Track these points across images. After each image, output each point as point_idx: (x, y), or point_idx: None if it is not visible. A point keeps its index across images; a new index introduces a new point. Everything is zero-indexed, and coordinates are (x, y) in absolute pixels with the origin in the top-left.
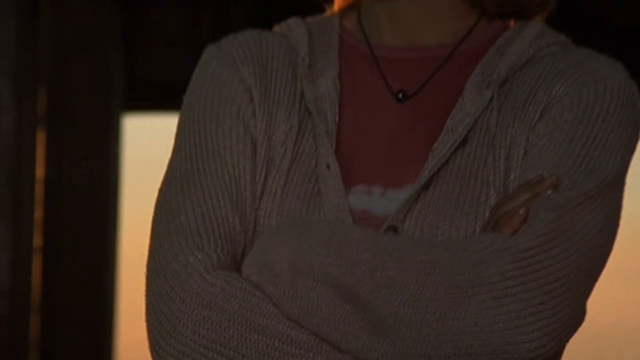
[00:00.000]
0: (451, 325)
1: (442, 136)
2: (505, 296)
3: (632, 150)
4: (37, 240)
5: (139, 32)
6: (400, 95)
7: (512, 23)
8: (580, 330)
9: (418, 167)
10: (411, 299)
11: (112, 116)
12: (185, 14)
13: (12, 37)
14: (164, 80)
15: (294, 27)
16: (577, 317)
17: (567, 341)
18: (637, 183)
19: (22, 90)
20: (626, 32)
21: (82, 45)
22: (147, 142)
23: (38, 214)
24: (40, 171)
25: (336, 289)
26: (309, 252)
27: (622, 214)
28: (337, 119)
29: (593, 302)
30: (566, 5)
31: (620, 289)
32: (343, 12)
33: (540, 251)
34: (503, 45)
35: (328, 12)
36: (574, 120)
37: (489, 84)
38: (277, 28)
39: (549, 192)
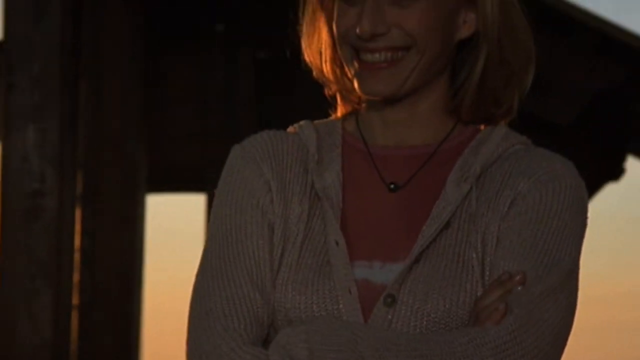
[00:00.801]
0: None
1: (429, 221)
2: None
3: (582, 238)
4: (75, 299)
5: (159, 129)
6: (392, 186)
7: (482, 127)
8: None
9: (409, 245)
10: None
11: (136, 196)
12: (194, 115)
13: (56, 133)
14: (178, 167)
15: (305, 128)
16: None
17: None
18: None
19: (64, 174)
20: (561, 128)
21: (113, 139)
22: (166, 216)
23: (76, 277)
24: (77, 241)
25: None
26: (322, 347)
27: None
28: (341, 205)
29: None
30: None
31: None
32: (344, 117)
33: (514, 343)
34: (476, 146)
35: (332, 117)
36: (536, 219)
37: (467, 178)
38: (290, 129)
39: (519, 288)
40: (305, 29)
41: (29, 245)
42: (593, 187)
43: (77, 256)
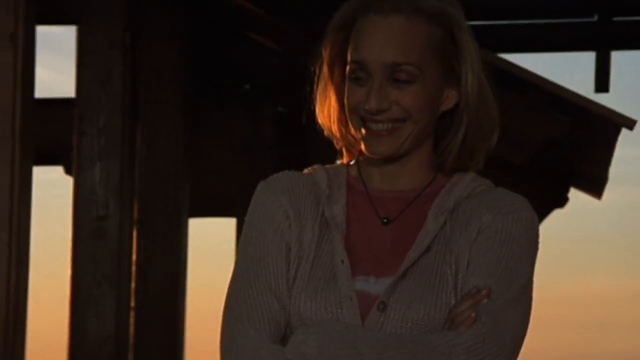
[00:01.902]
0: None
1: (414, 246)
2: None
3: (535, 259)
4: (132, 302)
5: (199, 166)
6: (384, 220)
7: (455, 174)
8: None
9: (398, 264)
10: None
11: (181, 220)
12: (226, 156)
13: (118, 170)
14: (214, 197)
15: (317, 170)
16: None
17: None
18: None
19: (123, 203)
20: (518, 166)
21: (163, 174)
22: (204, 236)
23: (133, 284)
24: (134, 256)
25: None
26: (330, 346)
27: None
28: (345, 231)
29: None
30: None
31: None
32: (348, 164)
33: (482, 344)
34: (450, 187)
35: (339, 163)
36: (499, 244)
37: (443, 213)
38: (305, 171)
39: (485, 300)
40: (318, 97)
41: (95, 259)
42: (544, 213)
43: (133, 268)
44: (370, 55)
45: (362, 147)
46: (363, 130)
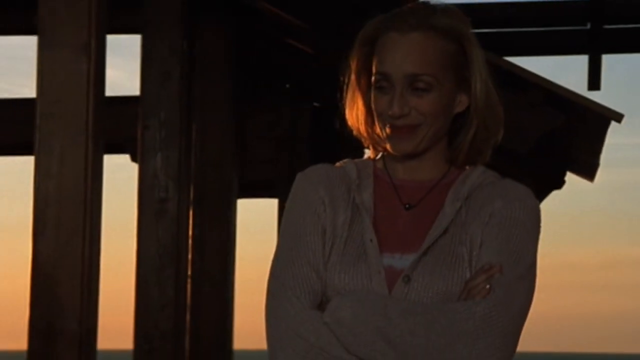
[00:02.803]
0: (446, 354)
1: (434, 227)
2: (477, 339)
3: (538, 240)
4: (189, 271)
5: (246, 155)
6: (407, 206)
7: (467, 167)
8: None
9: (420, 244)
10: (423, 339)
11: (230, 200)
12: (269, 146)
13: (176, 158)
14: (258, 181)
15: (348, 164)
16: (515, 348)
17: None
18: None
19: (181, 187)
20: (522, 155)
21: (215, 162)
22: (251, 214)
23: (190, 257)
24: (190, 232)
25: (378, 333)
26: (361, 311)
27: None
28: (373, 215)
29: None
30: None
31: None
32: (375, 158)
33: (495, 313)
34: (463, 179)
35: (366, 157)
36: (508, 227)
37: (459, 199)
38: (338, 164)
39: (497, 275)
40: (347, 103)
41: (157, 235)
42: (544, 193)
43: (190, 242)
44: (393, 67)
45: (387, 145)
46: (388, 130)
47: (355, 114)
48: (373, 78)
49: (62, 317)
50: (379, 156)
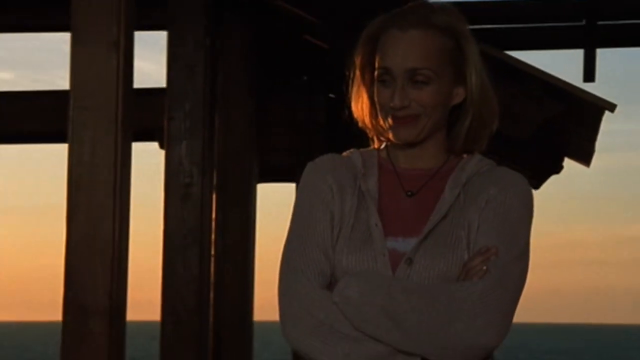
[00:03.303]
0: (446, 331)
1: (435, 212)
2: (475, 317)
3: (531, 224)
4: (212, 251)
5: (265, 143)
6: (409, 193)
7: (464, 155)
8: None
9: (421, 228)
10: (424, 317)
11: (251, 185)
12: (287, 134)
13: (200, 146)
14: (277, 166)
15: (354, 153)
16: (510, 323)
17: (503, 340)
18: None
19: (205, 172)
20: (522, 141)
21: (237, 150)
22: (270, 197)
23: (213, 237)
24: (214, 215)
25: (382, 311)
26: (367, 290)
27: None
28: (377, 201)
29: None
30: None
31: None
32: (379, 148)
33: (492, 292)
34: (461, 166)
35: (372, 147)
36: (502, 212)
37: (457, 186)
38: (345, 153)
39: (494, 257)
40: (353, 96)
41: (182, 217)
42: (543, 178)
43: (214, 224)
44: (394, 62)
45: (390, 135)
46: (390, 121)
47: (360, 106)
48: (376, 72)
49: (93, 293)
50: (383, 146)
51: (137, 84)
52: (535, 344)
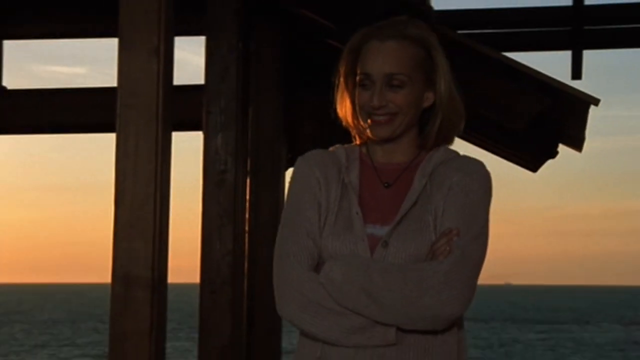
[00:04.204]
0: (416, 304)
1: (405, 201)
2: (442, 291)
3: (489, 205)
4: (246, 228)
5: (293, 133)
6: (386, 184)
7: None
8: None
9: (395, 215)
10: (397, 293)
11: (280, 171)
12: (314, 126)
13: (234, 137)
14: (305, 153)
15: (339, 149)
16: (472, 295)
17: (468, 308)
18: None
19: (237, 161)
20: (519, 132)
21: (267, 140)
22: None
23: (247, 216)
24: (247, 197)
25: (361, 289)
26: (348, 272)
27: None
28: (358, 192)
29: None
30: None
31: None
32: (361, 145)
33: (455, 269)
34: (429, 158)
35: (354, 143)
36: (464, 196)
37: (425, 176)
38: (331, 149)
39: (456, 238)
40: (338, 100)
41: (219, 200)
42: (541, 162)
43: (247, 205)
44: (374, 68)
45: (369, 133)
46: (369, 121)
47: (343, 109)
48: (358, 78)
49: (136, 266)
50: (363, 143)
51: (194, 78)
52: (543, 303)
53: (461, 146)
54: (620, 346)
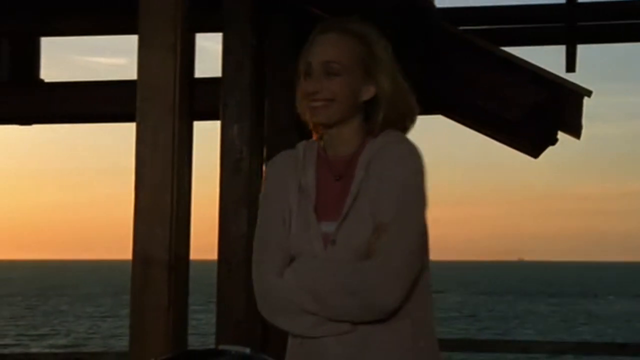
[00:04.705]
0: (352, 300)
1: (349, 195)
2: (375, 287)
3: (423, 186)
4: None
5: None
6: (337, 178)
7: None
8: None
9: (342, 210)
10: (337, 293)
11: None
12: None
13: (249, 127)
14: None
15: (299, 147)
16: (407, 286)
17: (403, 297)
18: None
19: (253, 149)
20: (514, 122)
21: (282, 130)
22: None
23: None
24: (260, 187)
25: (307, 291)
26: (299, 276)
27: None
28: (315, 190)
29: None
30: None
31: None
32: (319, 138)
33: (387, 264)
34: (368, 147)
35: (314, 138)
36: (395, 186)
37: (363, 167)
38: (298, 144)
39: (384, 234)
40: (297, 95)
41: (235, 187)
42: (542, 148)
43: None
44: (314, 57)
45: (309, 118)
46: (309, 109)
47: (299, 104)
48: (302, 68)
49: (155, 249)
50: (320, 137)
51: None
52: (554, 278)
53: (465, 132)
54: (628, 317)
